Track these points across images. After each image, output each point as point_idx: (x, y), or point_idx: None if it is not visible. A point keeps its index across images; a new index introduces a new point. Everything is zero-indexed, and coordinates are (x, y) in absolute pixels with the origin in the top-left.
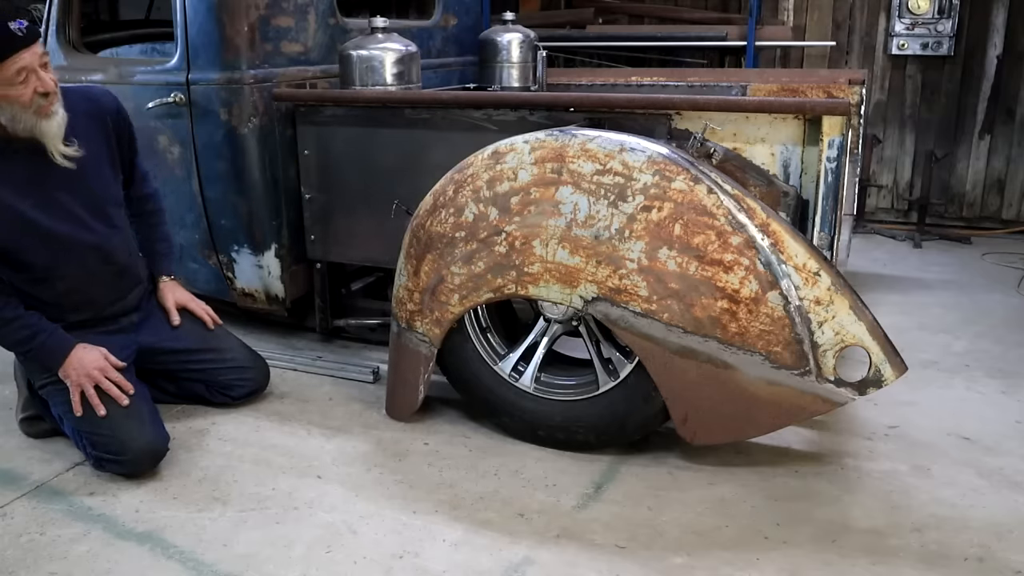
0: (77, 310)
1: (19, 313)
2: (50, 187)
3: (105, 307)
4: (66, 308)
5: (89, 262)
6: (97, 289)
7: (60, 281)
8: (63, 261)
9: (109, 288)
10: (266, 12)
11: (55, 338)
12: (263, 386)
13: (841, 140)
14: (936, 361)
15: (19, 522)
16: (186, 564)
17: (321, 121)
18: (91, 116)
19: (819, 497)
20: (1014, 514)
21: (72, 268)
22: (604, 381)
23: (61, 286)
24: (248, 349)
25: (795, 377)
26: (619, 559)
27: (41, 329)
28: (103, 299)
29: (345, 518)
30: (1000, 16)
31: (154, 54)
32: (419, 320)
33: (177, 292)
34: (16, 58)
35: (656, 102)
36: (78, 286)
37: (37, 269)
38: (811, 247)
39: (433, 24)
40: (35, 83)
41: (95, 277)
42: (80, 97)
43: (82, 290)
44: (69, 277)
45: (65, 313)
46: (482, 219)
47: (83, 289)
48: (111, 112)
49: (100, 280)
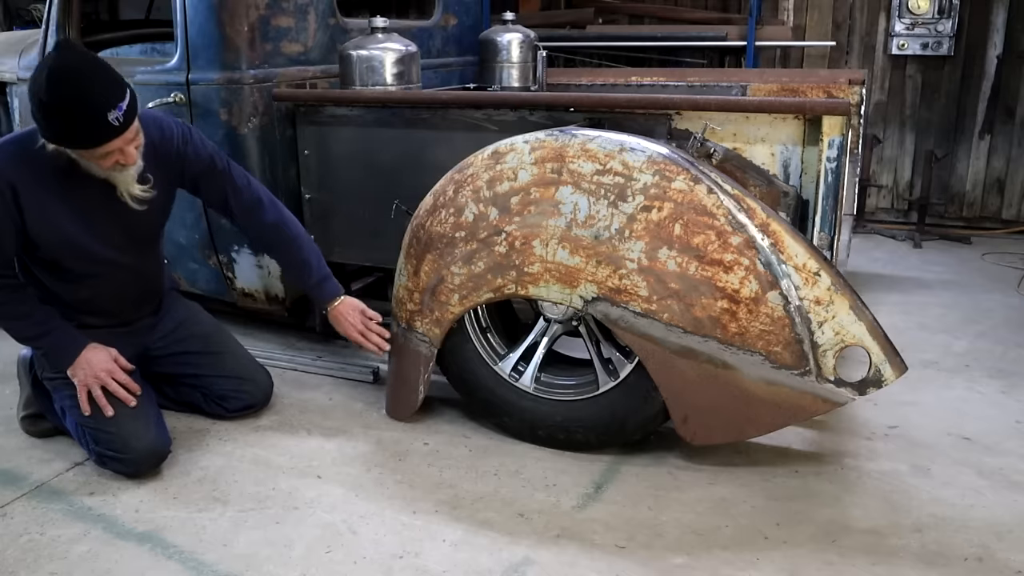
0: (92, 314)
1: (32, 308)
2: (106, 217)
3: (121, 316)
4: (82, 311)
5: (120, 281)
6: (118, 302)
7: (86, 290)
8: (96, 276)
9: (131, 302)
10: (266, 12)
11: (66, 337)
12: (260, 403)
13: (841, 140)
14: (936, 361)
15: (19, 522)
16: (186, 564)
17: (321, 121)
18: (159, 150)
19: (819, 497)
20: (1014, 514)
21: (102, 282)
22: (604, 381)
23: (85, 293)
24: (253, 363)
25: (795, 377)
26: (619, 559)
27: (53, 328)
28: (121, 310)
29: (345, 518)
30: (1000, 16)
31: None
32: (419, 320)
33: (351, 317)
34: (108, 145)
35: (656, 102)
36: (102, 297)
37: (68, 275)
38: (811, 247)
39: (433, 24)
40: (118, 156)
41: (121, 293)
42: (152, 126)
43: (104, 300)
44: (97, 289)
45: (80, 315)
46: (482, 219)
47: (105, 299)
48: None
49: (125, 295)
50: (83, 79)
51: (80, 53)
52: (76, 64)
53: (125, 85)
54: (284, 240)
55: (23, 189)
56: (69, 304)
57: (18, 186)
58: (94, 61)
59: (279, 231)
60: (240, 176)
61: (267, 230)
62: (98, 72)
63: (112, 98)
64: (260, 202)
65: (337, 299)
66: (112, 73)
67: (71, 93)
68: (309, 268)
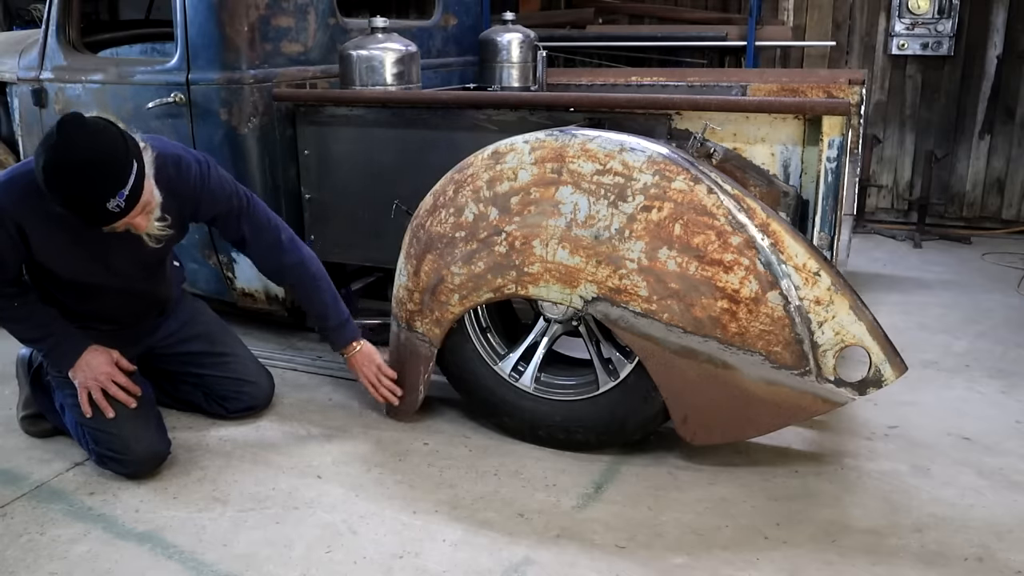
0: (97, 320)
1: (33, 311)
2: (119, 250)
3: (126, 321)
4: (87, 317)
5: (128, 297)
6: (125, 312)
7: (93, 303)
8: (105, 297)
9: (138, 312)
10: (266, 12)
11: (67, 340)
12: (262, 404)
13: (841, 140)
14: (936, 361)
15: (19, 522)
16: (186, 564)
17: (321, 121)
18: (173, 186)
19: (819, 497)
20: (1014, 514)
21: (109, 300)
22: (604, 381)
23: (92, 306)
24: (256, 365)
25: (795, 377)
26: (619, 559)
27: (54, 330)
28: (127, 317)
29: (345, 518)
30: (1000, 16)
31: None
32: (419, 320)
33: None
34: (112, 226)
35: (656, 102)
36: (108, 308)
37: (75, 292)
38: (811, 247)
39: (433, 24)
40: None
41: (129, 306)
42: (170, 162)
43: (110, 311)
44: (103, 303)
45: (84, 319)
46: (482, 219)
47: (111, 310)
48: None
49: (132, 310)
50: (81, 169)
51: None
52: (76, 150)
53: (127, 166)
54: (303, 281)
55: (30, 228)
56: (73, 310)
57: (25, 225)
58: (96, 142)
59: (296, 272)
60: (261, 214)
61: (285, 271)
62: (99, 156)
63: (111, 188)
64: (279, 243)
65: (354, 346)
66: (115, 153)
67: (69, 183)
68: (326, 311)
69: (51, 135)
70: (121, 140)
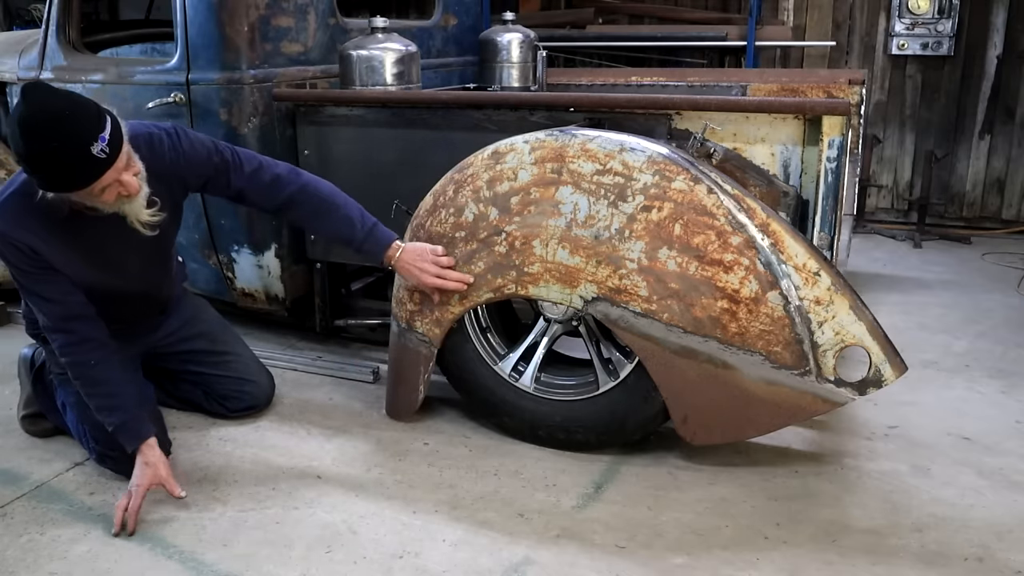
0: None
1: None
2: (121, 249)
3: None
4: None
5: (131, 297)
6: (128, 312)
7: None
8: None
9: (140, 311)
10: (266, 12)
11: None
12: (262, 404)
13: (841, 140)
14: (936, 361)
15: (19, 522)
16: (186, 564)
17: (321, 121)
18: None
19: (819, 497)
20: (1014, 514)
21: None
22: (604, 381)
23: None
24: (257, 364)
25: (795, 377)
26: (619, 559)
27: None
28: (129, 317)
29: (345, 518)
30: (1000, 16)
31: (154, 54)
32: (419, 320)
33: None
34: (101, 180)
35: (656, 102)
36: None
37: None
38: (811, 247)
39: (433, 24)
40: (118, 188)
41: (132, 305)
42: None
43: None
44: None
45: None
46: (482, 219)
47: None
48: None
49: (138, 309)
50: (56, 120)
51: (46, 93)
52: (45, 107)
53: (103, 113)
54: (315, 203)
55: (41, 246)
56: None
57: (35, 244)
58: (64, 98)
59: (305, 195)
60: (249, 160)
61: (294, 200)
62: (70, 108)
63: (92, 131)
64: (277, 178)
65: (394, 247)
66: (86, 105)
67: (47, 137)
68: (352, 224)
69: (19, 104)
70: (87, 98)
